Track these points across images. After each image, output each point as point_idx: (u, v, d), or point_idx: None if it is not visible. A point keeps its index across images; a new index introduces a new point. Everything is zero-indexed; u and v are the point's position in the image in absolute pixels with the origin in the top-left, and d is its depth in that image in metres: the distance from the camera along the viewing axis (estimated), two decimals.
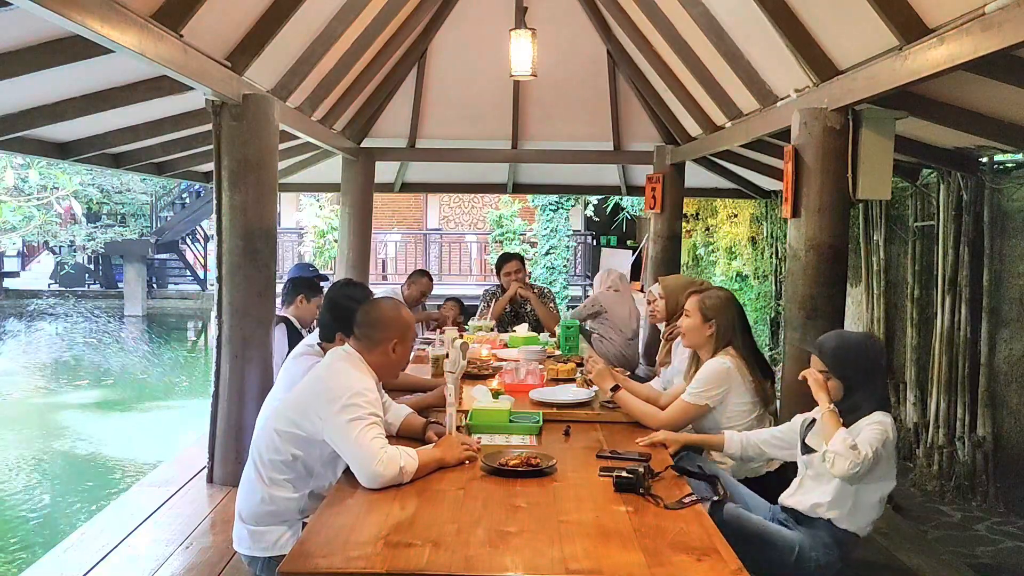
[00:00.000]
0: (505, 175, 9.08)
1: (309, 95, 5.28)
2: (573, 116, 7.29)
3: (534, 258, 16.31)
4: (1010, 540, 4.57)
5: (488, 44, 6.32)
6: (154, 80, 4.19)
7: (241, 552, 2.59)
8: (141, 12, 3.01)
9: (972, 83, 3.54)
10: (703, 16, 4.56)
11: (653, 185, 7.14)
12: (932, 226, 5.60)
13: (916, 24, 3.00)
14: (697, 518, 2.06)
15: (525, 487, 2.25)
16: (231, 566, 3.25)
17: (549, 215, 16.33)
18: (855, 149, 3.76)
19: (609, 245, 17.08)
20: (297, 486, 2.49)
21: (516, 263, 5.82)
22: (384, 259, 16.87)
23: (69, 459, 7.98)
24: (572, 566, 1.76)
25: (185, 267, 19.25)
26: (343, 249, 7.45)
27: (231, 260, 4.17)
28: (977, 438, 5.12)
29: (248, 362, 4.18)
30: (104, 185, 16.54)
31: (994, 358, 5.12)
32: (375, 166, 7.50)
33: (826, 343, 2.66)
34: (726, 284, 9.01)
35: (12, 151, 5.40)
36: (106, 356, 13.40)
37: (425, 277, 6.03)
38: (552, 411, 3.08)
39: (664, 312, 4.05)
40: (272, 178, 4.35)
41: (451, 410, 2.64)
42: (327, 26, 4.69)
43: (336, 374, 2.44)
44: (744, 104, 5.10)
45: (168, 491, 4.17)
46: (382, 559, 1.79)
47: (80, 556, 3.40)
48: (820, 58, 3.80)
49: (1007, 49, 2.48)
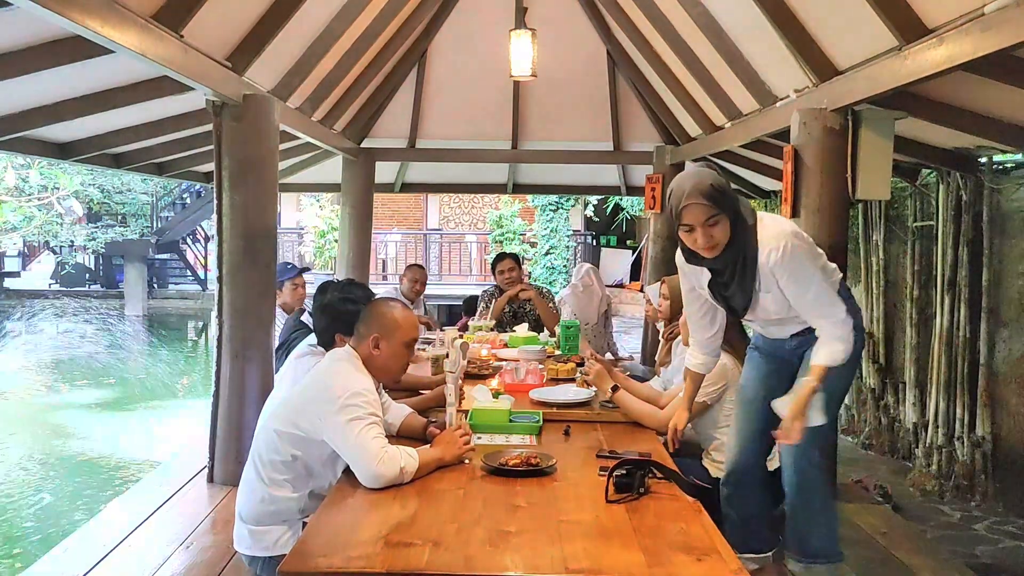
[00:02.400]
0: (505, 175, 9.09)
1: (309, 95, 5.29)
2: (573, 116, 7.30)
3: (534, 258, 16.33)
4: (1009, 539, 4.58)
5: (488, 44, 6.33)
6: (154, 80, 4.19)
7: (241, 552, 2.60)
8: (141, 12, 3.01)
9: (971, 83, 3.54)
10: (703, 16, 4.57)
11: (653, 185, 7.14)
12: (931, 226, 5.61)
13: (916, 24, 3.00)
14: (697, 518, 2.06)
15: (525, 487, 2.25)
16: (231, 566, 3.25)
17: (549, 215, 16.35)
18: (854, 149, 3.76)
19: (609, 245, 17.09)
20: (297, 486, 2.50)
21: (510, 262, 5.84)
22: (384, 259, 16.88)
23: (69, 459, 7.98)
24: (572, 566, 1.77)
25: (186, 267, 19.26)
26: (343, 249, 7.46)
27: (231, 260, 4.17)
28: (976, 438, 5.12)
29: (248, 362, 4.18)
30: (105, 185, 16.55)
31: (993, 358, 5.12)
32: (375, 166, 7.51)
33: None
34: None
35: (12, 151, 5.40)
36: (106, 356, 13.39)
37: (413, 268, 6.27)
38: (552, 411, 3.08)
39: (668, 312, 4.06)
40: (272, 178, 4.36)
41: (451, 410, 2.65)
42: (327, 26, 4.70)
43: (335, 374, 2.45)
44: (744, 104, 5.11)
45: (168, 491, 4.17)
46: (382, 559, 1.79)
47: (80, 556, 3.40)
48: (820, 58, 3.81)
49: (1006, 49, 2.48)
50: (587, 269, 6.64)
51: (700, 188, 2.44)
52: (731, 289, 2.62)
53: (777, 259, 2.48)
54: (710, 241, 2.47)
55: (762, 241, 2.51)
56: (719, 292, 2.68)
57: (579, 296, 6.37)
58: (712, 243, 2.48)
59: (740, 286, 2.58)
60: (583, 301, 6.36)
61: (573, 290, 6.47)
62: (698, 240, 2.48)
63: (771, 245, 2.50)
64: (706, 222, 2.44)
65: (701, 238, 2.47)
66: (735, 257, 2.54)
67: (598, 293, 6.49)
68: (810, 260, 2.55)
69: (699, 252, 2.54)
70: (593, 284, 6.47)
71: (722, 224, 2.46)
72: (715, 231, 2.46)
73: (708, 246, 2.48)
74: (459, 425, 2.58)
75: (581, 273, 6.55)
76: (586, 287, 6.42)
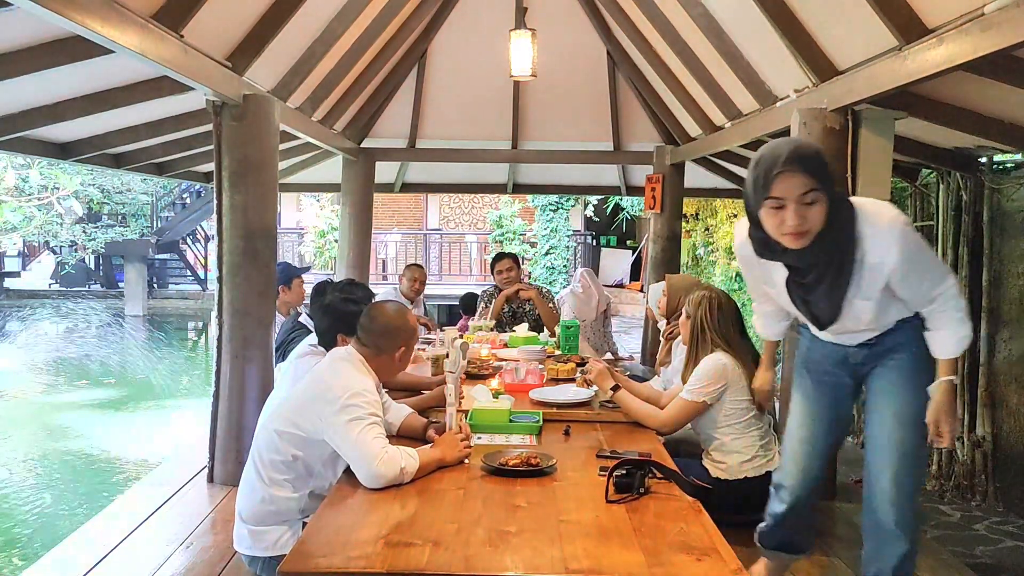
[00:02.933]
0: (505, 175, 9.09)
1: (309, 95, 5.29)
2: (573, 116, 7.30)
3: (534, 258, 16.32)
4: (1009, 539, 4.58)
5: (488, 44, 6.32)
6: (154, 80, 4.19)
7: (241, 552, 2.60)
8: (141, 12, 3.01)
9: (971, 83, 3.54)
10: (703, 16, 4.56)
11: (653, 185, 7.15)
12: (931, 226, 5.60)
13: (916, 24, 3.00)
14: (697, 518, 2.06)
15: (525, 487, 2.25)
16: (231, 566, 3.25)
17: (549, 215, 16.35)
18: (854, 149, 3.76)
19: (609, 245, 17.09)
20: (297, 486, 2.50)
21: (509, 262, 5.84)
22: (384, 259, 16.88)
23: (69, 459, 7.98)
24: (572, 566, 1.77)
25: (186, 267, 19.26)
26: (343, 249, 7.46)
27: (231, 260, 4.17)
28: (976, 438, 5.12)
29: (248, 362, 4.18)
30: (105, 185, 16.55)
31: (993, 358, 5.12)
32: (375, 166, 7.50)
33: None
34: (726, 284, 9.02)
35: (12, 151, 5.40)
36: (106, 356, 13.39)
37: (413, 267, 6.30)
38: (552, 411, 3.08)
39: (664, 309, 4.07)
40: (272, 178, 4.36)
41: (451, 410, 2.65)
42: (327, 26, 4.70)
43: (336, 374, 2.45)
44: (744, 104, 5.11)
45: (168, 491, 4.17)
46: (382, 559, 1.79)
47: (80, 556, 3.40)
48: (820, 58, 3.81)
49: (1006, 49, 2.48)
50: (582, 272, 6.77)
51: (802, 154, 2.01)
52: (816, 294, 2.19)
53: (897, 259, 2.07)
54: (802, 224, 2.02)
55: (869, 237, 2.08)
56: (798, 296, 2.24)
57: (578, 297, 6.47)
58: (803, 227, 2.02)
59: (829, 292, 2.15)
60: (581, 301, 6.45)
61: (572, 292, 6.57)
62: (787, 221, 2.02)
63: (887, 241, 2.06)
64: (802, 197, 2.00)
65: (792, 218, 2.01)
66: (827, 255, 2.10)
67: (595, 295, 6.60)
68: (923, 242, 2.17)
69: (782, 240, 2.08)
70: (591, 286, 6.58)
71: (819, 206, 2.02)
72: (810, 212, 2.01)
73: (797, 231, 2.03)
74: (459, 428, 2.59)
75: (577, 277, 6.72)
76: (584, 289, 6.52)
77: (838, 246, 2.08)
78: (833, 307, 2.18)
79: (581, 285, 6.68)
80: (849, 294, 2.15)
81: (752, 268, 2.35)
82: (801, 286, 2.20)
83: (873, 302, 2.15)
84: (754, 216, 2.11)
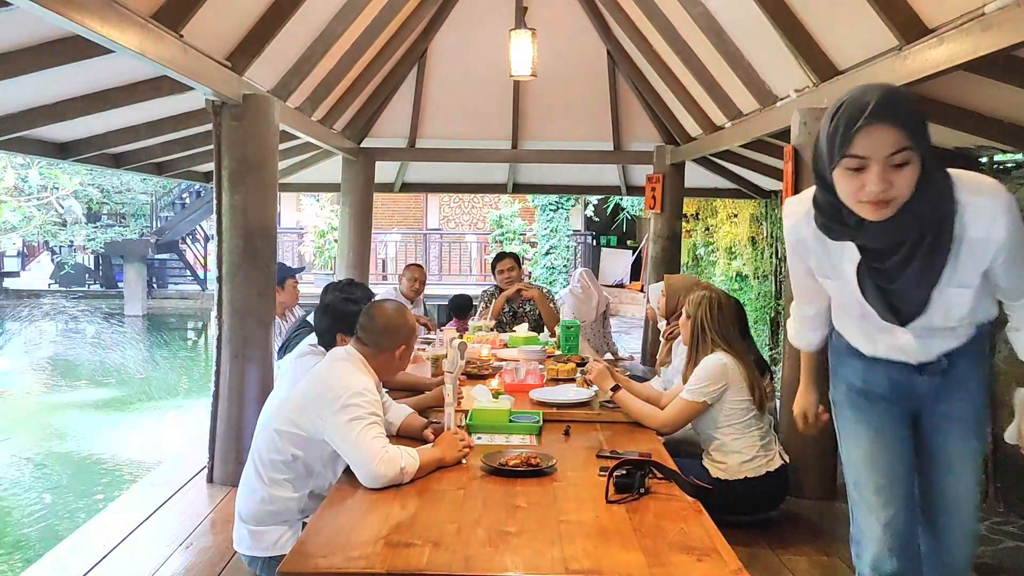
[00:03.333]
0: (505, 175, 9.09)
1: (309, 95, 5.29)
2: (573, 116, 7.31)
3: (534, 258, 16.33)
4: (1010, 540, 4.57)
5: (488, 44, 6.33)
6: (154, 80, 4.19)
7: (241, 552, 2.60)
8: (141, 12, 3.01)
9: (972, 83, 3.54)
10: (703, 16, 4.57)
11: (653, 185, 7.15)
12: None
13: (916, 24, 3.00)
14: (697, 518, 2.06)
15: (525, 487, 2.25)
16: (231, 566, 3.25)
17: (549, 215, 16.35)
18: None
19: (609, 245, 17.09)
20: (297, 486, 2.50)
21: (510, 261, 5.84)
22: (384, 259, 16.89)
23: (69, 459, 7.98)
24: (572, 566, 1.76)
25: (185, 267, 19.24)
26: (343, 249, 7.46)
27: (231, 260, 4.17)
28: None
29: (248, 362, 4.18)
30: (104, 185, 16.55)
31: (993, 358, 5.11)
32: (375, 166, 7.51)
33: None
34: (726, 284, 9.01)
35: (12, 151, 5.40)
36: (106, 356, 13.39)
37: (412, 267, 6.29)
38: (552, 411, 3.08)
39: (663, 309, 4.07)
40: (272, 178, 4.36)
41: (449, 410, 2.64)
42: (327, 26, 4.70)
43: (336, 374, 2.45)
44: (744, 104, 5.11)
45: (168, 491, 4.17)
46: (382, 559, 1.79)
47: (80, 556, 3.40)
48: (820, 58, 3.81)
49: (1007, 49, 2.48)
50: (581, 272, 6.78)
51: (895, 102, 1.60)
52: (900, 281, 1.76)
53: (1005, 235, 1.68)
54: (887, 191, 1.61)
55: (969, 207, 1.69)
56: (873, 285, 1.81)
57: (577, 298, 6.48)
58: (888, 194, 1.61)
59: (919, 277, 1.74)
60: (581, 302, 6.46)
61: (571, 293, 6.58)
62: (868, 185, 1.61)
63: (991, 212, 1.68)
64: (890, 157, 1.59)
65: (876, 182, 1.60)
66: (919, 229, 1.69)
67: (595, 295, 6.60)
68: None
69: (859, 209, 1.66)
70: (590, 287, 6.59)
71: (911, 168, 1.61)
72: (899, 176, 1.60)
73: (881, 199, 1.62)
74: (458, 429, 2.59)
75: (576, 278, 6.69)
76: (584, 290, 6.53)
77: (933, 218, 1.68)
78: (922, 296, 1.78)
79: (580, 286, 6.68)
80: (943, 279, 1.75)
81: (809, 255, 1.90)
82: (879, 272, 1.78)
83: (972, 290, 1.77)
84: (825, 178, 1.69)
